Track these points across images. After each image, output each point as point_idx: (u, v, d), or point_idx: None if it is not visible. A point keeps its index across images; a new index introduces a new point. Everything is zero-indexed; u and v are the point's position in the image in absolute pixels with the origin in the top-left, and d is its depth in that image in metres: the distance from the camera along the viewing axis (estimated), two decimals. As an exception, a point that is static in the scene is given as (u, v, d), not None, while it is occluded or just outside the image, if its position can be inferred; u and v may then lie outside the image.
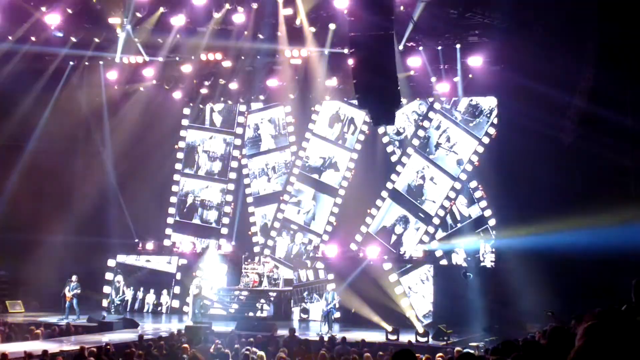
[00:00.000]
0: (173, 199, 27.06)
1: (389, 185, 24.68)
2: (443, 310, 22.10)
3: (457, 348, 15.48)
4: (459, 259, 23.67)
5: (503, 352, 7.22)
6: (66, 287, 22.36)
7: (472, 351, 14.51)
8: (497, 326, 19.16)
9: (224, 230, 26.42)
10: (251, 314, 23.46)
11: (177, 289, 25.37)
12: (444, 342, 18.67)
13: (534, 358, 5.86)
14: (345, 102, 25.40)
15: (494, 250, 23.02)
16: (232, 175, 26.74)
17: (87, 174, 25.63)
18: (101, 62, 24.12)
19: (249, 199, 26.46)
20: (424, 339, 18.88)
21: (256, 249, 25.88)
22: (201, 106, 26.87)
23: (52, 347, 15.58)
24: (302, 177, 25.93)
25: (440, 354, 14.38)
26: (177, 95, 25.39)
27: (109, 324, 20.40)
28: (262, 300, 23.75)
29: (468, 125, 24.07)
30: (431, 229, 24.07)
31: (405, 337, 19.04)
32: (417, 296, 23.32)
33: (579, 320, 7.69)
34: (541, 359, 5.84)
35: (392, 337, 18.99)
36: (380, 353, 15.53)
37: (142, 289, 25.58)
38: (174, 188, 27.07)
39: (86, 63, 24.14)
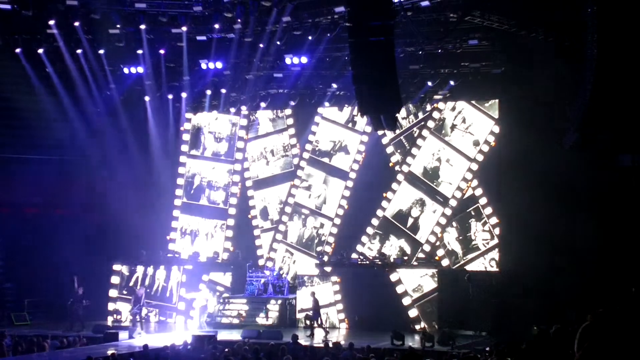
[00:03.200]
0: (180, 181, 27.16)
1: (405, 168, 24.67)
2: (448, 314, 22.04)
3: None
4: (450, 238, 23.84)
5: (507, 353, 7.24)
6: (71, 299, 22.42)
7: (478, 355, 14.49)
8: (502, 329, 19.14)
9: (232, 211, 26.56)
10: (257, 321, 23.46)
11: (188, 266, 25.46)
12: (450, 347, 18.65)
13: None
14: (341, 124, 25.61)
15: (486, 229, 23.26)
16: (239, 155, 26.80)
17: (95, 183, 25.70)
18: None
19: (248, 183, 26.58)
20: (429, 344, 18.86)
21: (256, 232, 26.12)
22: (206, 112, 26.95)
23: (59, 358, 15.62)
24: (312, 161, 25.96)
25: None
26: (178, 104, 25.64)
27: (114, 334, 20.38)
28: (267, 308, 23.75)
29: (484, 105, 24.04)
30: (448, 211, 24.06)
31: (411, 342, 19.02)
32: (405, 271, 23.26)
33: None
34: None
35: (398, 342, 18.98)
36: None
37: (152, 265, 25.26)
38: (181, 170, 27.16)
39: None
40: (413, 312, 22.89)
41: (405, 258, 24.10)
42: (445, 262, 23.87)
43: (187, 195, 27.14)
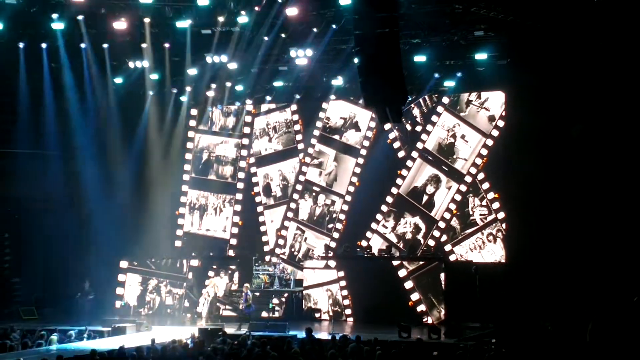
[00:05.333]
0: (188, 156, 27.19)
1: (419, 145, 24.62)
2: (455, 307, 22.06)
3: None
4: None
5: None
6: (79, 293, 22.55)
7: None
8: (509, 322, 19.11)
9: (240, 185, 26.65)
10: (263, 314, 23.52)
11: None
12: (457, 339, 18.65)
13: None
14: (351, 100, 25.46)
15: (483, 204, 23.49)
16: (246, 129, 26.82)
17: (100, 177, 25.79)
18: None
19: (251, 160, 26.74)
20: (435, 336, 18.87)
21: (259, 209, 26.25)
22: (209, 108, 26.96)
23: (66, 352, 15.69)
24: (322, 138, 25.90)
25: None
26: (184, 98, 25.67)
27: (122, 328, 20.47)
28: (274, 301, 23.80)
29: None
30: (463, 188, 24.04)
31: (418, 335, 19.03)
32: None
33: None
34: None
35: (404, 335, 18.99)
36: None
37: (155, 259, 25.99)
38: (189, 145, 27.17)
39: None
40: (409, 284, 23.20)
41: (419, 242, 24.16)
42: (443, 238, 24.07)
43: (196, 170, 27.22)
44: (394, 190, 24.76)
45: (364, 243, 24.54)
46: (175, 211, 26.82)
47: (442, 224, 24.16)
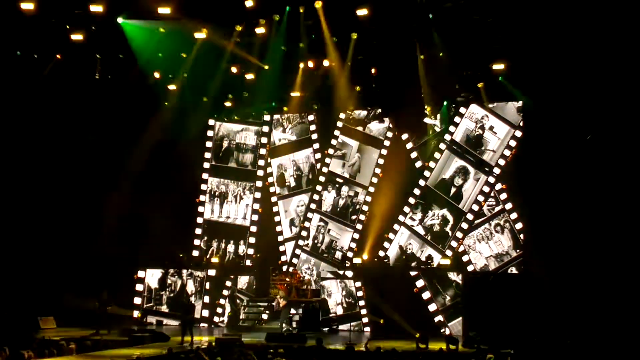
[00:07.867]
0: (209, 144, 27.24)
1: (447, 136, 24.49)
2: (473, 317, 21.90)
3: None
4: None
5: None
6: (96, 302, 22.60)
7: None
8: (532, 335, 18.94)
9: (260, 172, 26.75)
10: (280, 325, 23.47)
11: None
12: (475, 350, 18.51)
13: None
14: (369, 110, 25.32)
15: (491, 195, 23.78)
16: (267, 117, 26.86)
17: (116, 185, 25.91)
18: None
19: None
20: (453, 347, 18.73)
21: (273, 199, 26.38)
22: (225, 119, 27.00)
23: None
24: (346, 129, 25.83)
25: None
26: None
27: (139, 337, 20.45)
28: (291, 311, 23.75)
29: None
30: (492, 179, 23.92)
31: (435, 345, 18.90)
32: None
33: None
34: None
35: (422, 346, 18.87)
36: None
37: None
38: (209, 133, 27.20)
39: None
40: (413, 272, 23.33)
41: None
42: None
43: (216, 158, 27.26)
44: (421, 182, 24.68)
45: (391, 236, 24.63)
46: (196, 199, 26.89)
47: (470, 216, 24.06)
